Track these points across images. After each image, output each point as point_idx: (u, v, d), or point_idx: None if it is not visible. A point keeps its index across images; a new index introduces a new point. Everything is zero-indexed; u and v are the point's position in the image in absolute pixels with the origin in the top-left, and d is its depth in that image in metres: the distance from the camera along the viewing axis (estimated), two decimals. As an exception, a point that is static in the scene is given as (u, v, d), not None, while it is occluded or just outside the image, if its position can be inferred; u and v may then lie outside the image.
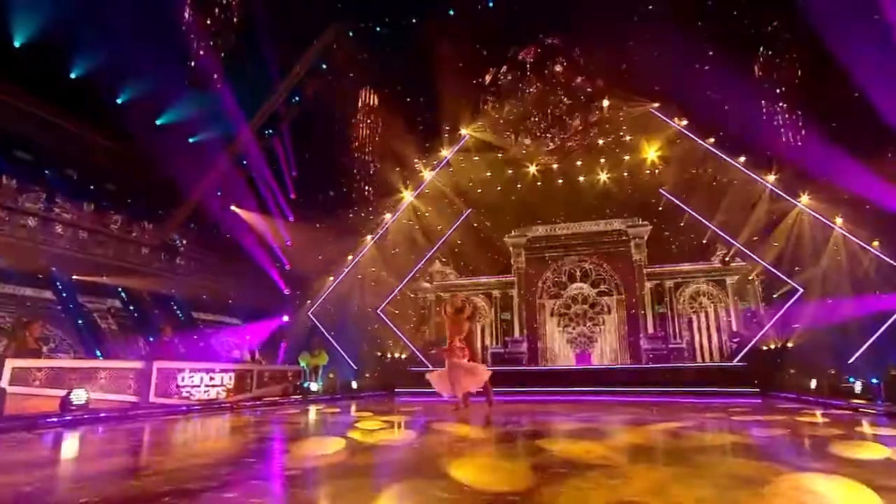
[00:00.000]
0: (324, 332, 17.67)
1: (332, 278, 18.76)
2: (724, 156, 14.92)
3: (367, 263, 18.70)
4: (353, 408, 10.15)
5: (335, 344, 17.23)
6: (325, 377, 14.43)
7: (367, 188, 18.19)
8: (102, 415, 7.57)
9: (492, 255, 20.26)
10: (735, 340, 16.69)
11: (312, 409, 9.85)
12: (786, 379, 12.32)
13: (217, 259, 19.57)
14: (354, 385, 15.11)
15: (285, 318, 18.22)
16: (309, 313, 18.21)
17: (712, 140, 15.20)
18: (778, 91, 12.77)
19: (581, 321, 19.87)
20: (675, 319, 18.74)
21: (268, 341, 17.47)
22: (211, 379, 10.06)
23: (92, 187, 17.61)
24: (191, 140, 18.72)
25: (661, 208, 17.54)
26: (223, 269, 19.39)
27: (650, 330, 18.67)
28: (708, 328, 18.19)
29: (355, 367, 16.65)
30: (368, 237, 18.69)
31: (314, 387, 13.41)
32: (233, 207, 18.49)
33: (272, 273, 18.28)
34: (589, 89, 13.61)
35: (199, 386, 9.67)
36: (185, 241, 19.56)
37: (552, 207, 19.47)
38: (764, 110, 13.07)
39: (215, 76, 11.57)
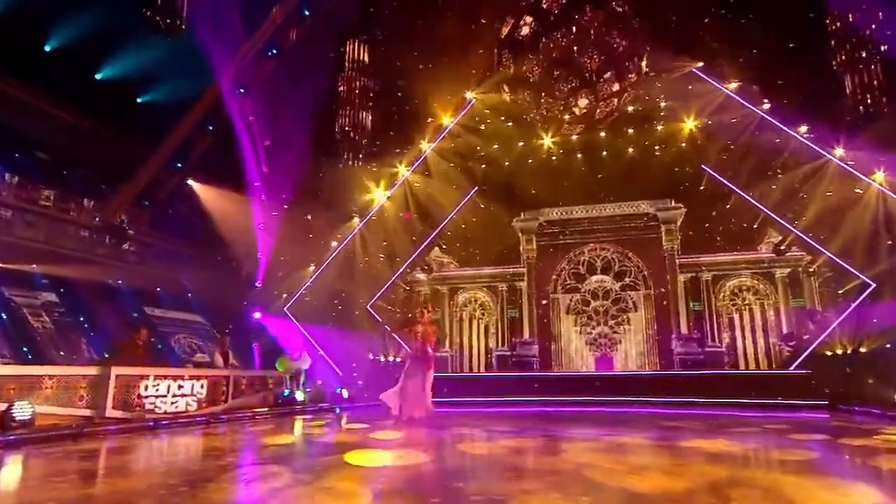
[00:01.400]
0: (302, 331, 17.44)
1: (312, 268, 18.57)
2: (781, 125, 14.63)
3: (356, 251, 18.56)
4: (344, 421, 10.02)
5: (316, 346, 17.07)
6: (313, 385, 14.32)
7: (353, 161, 18.02)
8: (52, 433, 6.96)
9: (497, 241, 20.10)
10: (790, 344, 16.56)
11: (300, 425, 9.61)
12: (863, 390, 11.93)
13: (174, 245, 19.27)
14: (346, 394, 14.85)
15: (257, 315, 17.96)
16: (285, 309, 18.03)
17: (767, 106, 14.86)
18: (848, 46, 12.31)
19: (602, 320, 19.73)
20: (712, 318, 18.58)
21: (237, 342, 17.02)
22: (179, 388, 9.74)
23: (17, 155, 16.83)
24: (140, 100, 17.98)
25: (702, 187, 17.43)
26: (182, 257, 19.13)
27: (683, 330, 18.54)
28: (752, 329, 18.07)
29: (340, 373, 16.54)
30: (356, 220, 18.56)
31: (299, 396, 13.27)
32: (191, 182, 18.15)
33: (242, 262, 18.04)
34: (627, 44, 12.93)
35: (165, 396, 9.34)
36: (134, 223, 18.71)
37: (569, 186, 19.20)
38: (834, 69, 12.60)
39: (176, 17, 10.72)
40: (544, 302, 20.04)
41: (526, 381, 16.77)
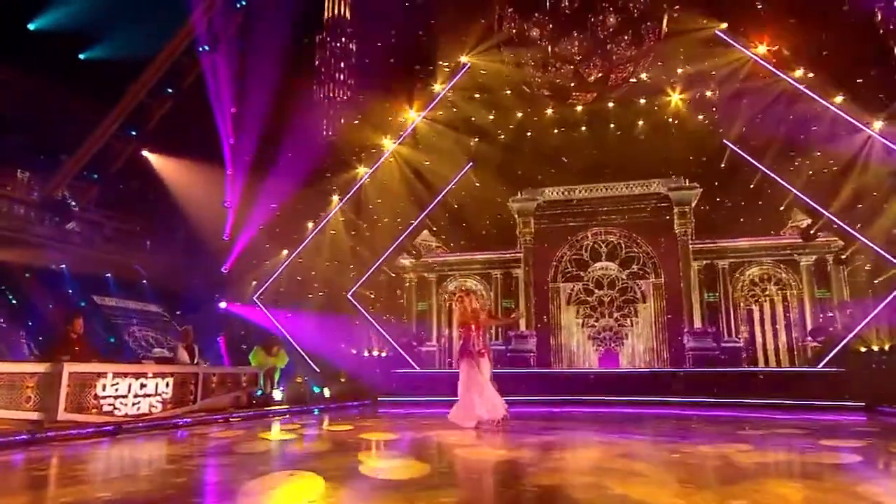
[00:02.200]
0: (275, 323, 17.34)
1: (286, 252, 18.39)
2: (815, 95, 14.45)
3: (335, 233, 18.42)
4: (327, 424, 9.85)
5: (291, 339, 16.94)
6: (292, 382, 14.08)
7: (332, 132, 17.47)
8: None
9: (491, 223, 20.02)
10: (818, 339, 16.51)
11: (277, 429, 9.38)
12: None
13: (127, 224, 18.79)
14: (327, 393, 14.63)
15: (223, 305, 17.82)
16: (255, 298, 17.94)
17: (800, 73, 14.67)
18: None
19: (607, 312, 19.68)
20: (729, 311, 18.57)
21: (201, 336, 16.52)
22: (142, 387, 9.23)
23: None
24: (84, 56, 17.11)
25: (723, 165, 17.24)
26: (136, 239, 18.76)
27: (697, 324, 18.55)
28: (774, 322, 18.07)
29: (317, 370, 16.27)
30: (335, 198, 18.36)
31: (277, 395, 13.03)
32: (146, 153, 17.71)
33: (206, 244, 17.64)
34: (647, 1, 12.59)
35: (126, 396, 8.85)
36: (80, 199, 18.17)
37: (572, 163, 19.14)
38: (879, 30, 12.32)
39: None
40: (543, 290, 19.96)
41: (524, 378, 16.60)
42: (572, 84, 15.01)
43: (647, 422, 10.35)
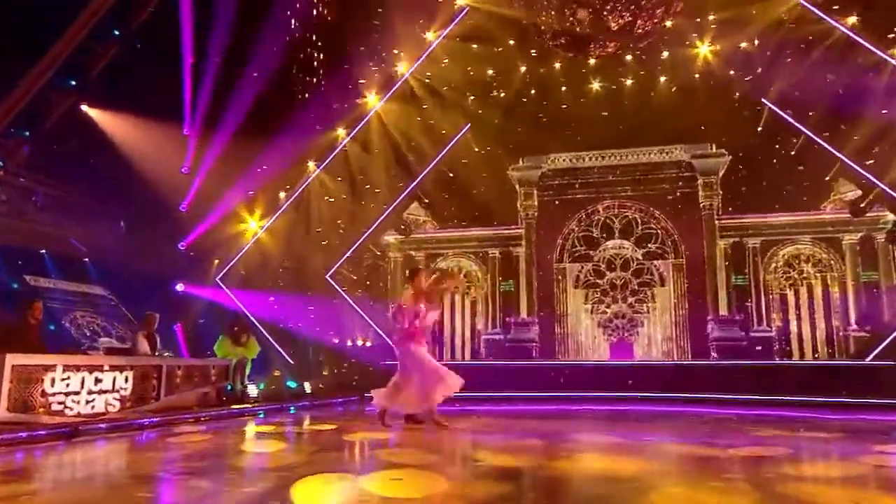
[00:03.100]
0: (242, 308, 17.11)
1: (253, 225, 18.18)
2: (871, 46, 14.11)
3: (311, 204, 18.26)
4: (307, 423, 9.67)
5: (260, 327, 16.73)
6: (269, 376, 14.09)
7: (303, 91, 17.55)
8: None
9: (489, 195, 19.66)
10: (865, 329, 16.38)
11: (252, 431, 9.00)
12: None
13: (65, 192, 17.72)
14: (308, 388, 14.38)
15: (181, 288, 17.66)
16: (218, 279, 17.83)
17: (853, 20, 14.28)
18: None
19: (620, 296, 19.62)
20: (760, 296, 18.49)
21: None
22: (97, 382, 8.83)
23: None
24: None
25: (760, 128, 17.04)
26: (77, 209, 17.81)
27: (722, 311, 18.48)
28: (811, 309, 17.98)
29: (290, 361, 16.36)
30: (312, 164, 18.05)
31: (253, 391, 12.84)
32: (87, 108, 16.85)
33: (160, 216, 17.26)
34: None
35: (78, 393, 8.47)
36: (8, 161, 16.99)
37: (582, 125, 18.87)
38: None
39: None
40: (547, 273, 19.85)
41: (524, 371, 16.63)
42: (591, 32, 14.21)
43: (681, 421, 10.15)
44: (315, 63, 17.50)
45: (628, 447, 7.02)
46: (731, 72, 16.95)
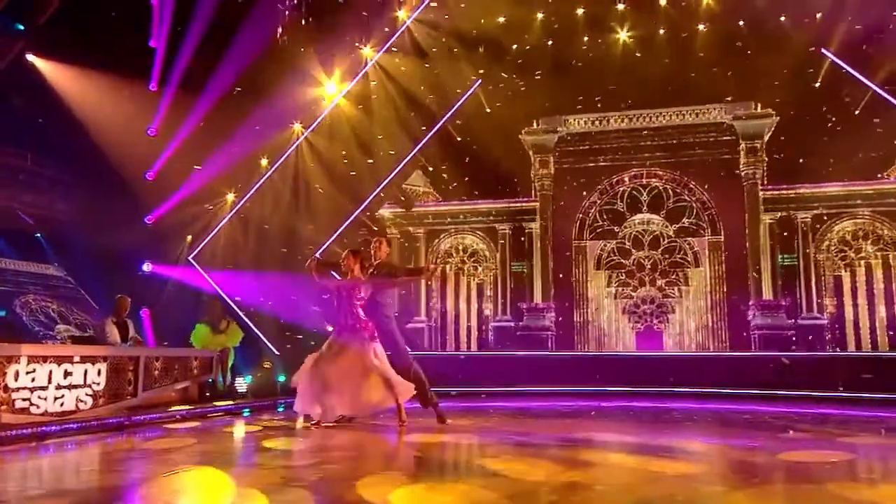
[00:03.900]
0: (219, 291, 17.34)
1: (232, 197, 18.15)
2: None
3: (298, 173, 18.27)
4: (300, 424, 9.02)
5: (240, 311, 17.02)
6: (259, 369, 14.46)
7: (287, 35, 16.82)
8: None
9: (498, 163, 19.14)
10: None
11: (241, 434, 8.96)
12: None
13: (10, 157, 17.77)
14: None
15: (148, 268, 17.62)
16: (190, 258, 17.88)
17: None
18: None
19: (648, 278, 19.06)
20: (810, 278, 17.81)
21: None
22: (66, 376, 8.79)
23: None
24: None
25: (817, 84, 16.37)
26: (25, 176, 17.89)
27: (766, 295, 17.84)
28: (870, 293, 17.30)
29: (276, 352, 16.31)
30: (297, 125, 17.86)
31: (241, 386, 13.26)
32: (34, 58, 16.54)
33: (125, 186, 16.95)
34: None
35: (45, 388, 8.46)
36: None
37: (605, 83, 18.31)
38: None
39: None
40: (565, 252, 19.42)
41: (539, 364, 16.59)
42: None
43: (734, 420, 9.86)
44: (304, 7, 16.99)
45: (673, 452, 6.75)
46: (784, 17, 16.21)
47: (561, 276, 19.31)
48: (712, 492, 4.73)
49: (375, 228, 19.62)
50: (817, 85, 16.50)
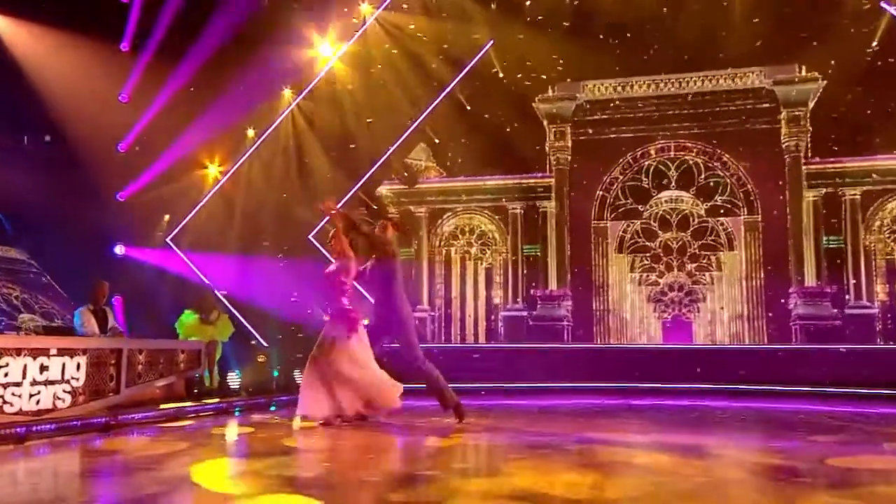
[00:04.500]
0: (200, 276, 17.57)
1: (215, 172, 18.16)
2: None
3: (288, 145, 18.18)
4: (297, 423, 9.15)
5: (224, 300, 16.77)
6: (253, 363, 14.46)
7: None
8: None
9: (509, 134, 18.87)
10: None
11: (232, 438, 8.87)
12: None
13: None
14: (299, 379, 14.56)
15: (120, 250, 17.45)
16: (168, 240, 17.86)
17: None
18: None
19: (676, 263, 18.68)
20: (859, 262, 17.48)
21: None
22: (43, 370, 8.65)
23: None
24: None
25: (874, 46, 15.77)
26: None
27: (809, 282, 17.50)
28: None
29: (265, 344, 16.31)
30: (287, 92, 17.87)
31: (235, 382, 13.34)
32: None
33: (91, 159, 16.61)
34: None
35: (20, 385, 8.34)
36: None
37: (630, 44, 17.98)
38: None
39: None
40: (583, 234, 19.12)
41: (553, 357, 16.31)
42: None
43: (788, 422, 9.72)
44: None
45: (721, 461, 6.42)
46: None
47: (578, 260, 19.05)
48: None
49: (376, 208, 19.36)
50: (873, 47, 16.02)
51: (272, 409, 12.11)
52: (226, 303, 16.73)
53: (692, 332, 18.37)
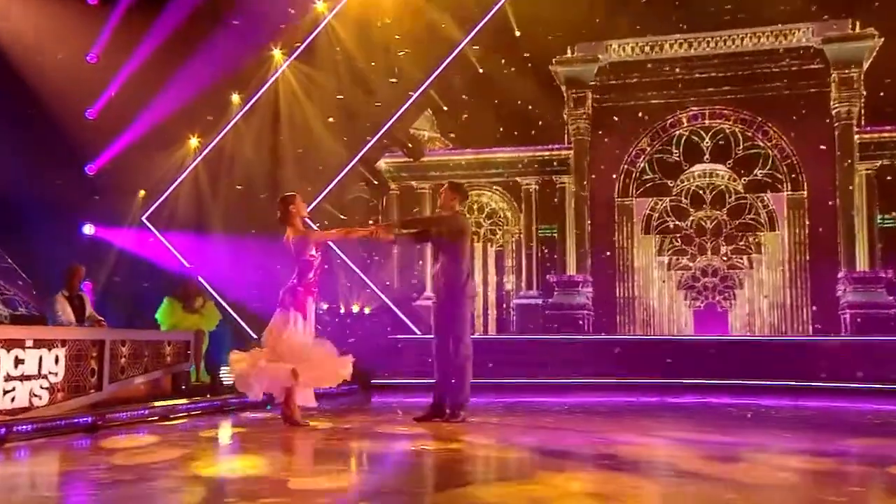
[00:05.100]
0: (180, 258, 17.39)
1: (195, 141, 17.72)
2: None
3: (279, 111, 17.86)
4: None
5: (208, 285, 16.22)
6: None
7: None
8: None
9: (523, 102, 18.45)
10: None
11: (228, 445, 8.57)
12: None
13: None
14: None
15: (88, 230, 17.02)
16: (143, 219, 17.54)
17: None
18: None
19: (710, 245, 18.38)
20: None
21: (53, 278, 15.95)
22: (18, 364, 8.43)
23: None
24: None
25: None
26: None
27: (861, 266, 17.17)
28: None
29: (254, 336, 15.54)
30: (277, 52, 17.54)
31: (229, 377, 12.54)
32: None
33: (55, 127, 16.31)
34: None
35: None
36: None
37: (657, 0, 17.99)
38: None
39: None
40: (606, 212, 18.81)
41: (572, 350, 15.45)
42: None
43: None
44: None
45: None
46: None
47: (600, 242, 18.78)
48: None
49: (376, 183, 19.39)
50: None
51: (268, 407, 11.71)
52: (210, 289, 16.28)
53: (728, 322, 18.15)
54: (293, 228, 8.42)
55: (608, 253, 18.69)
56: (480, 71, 18.22)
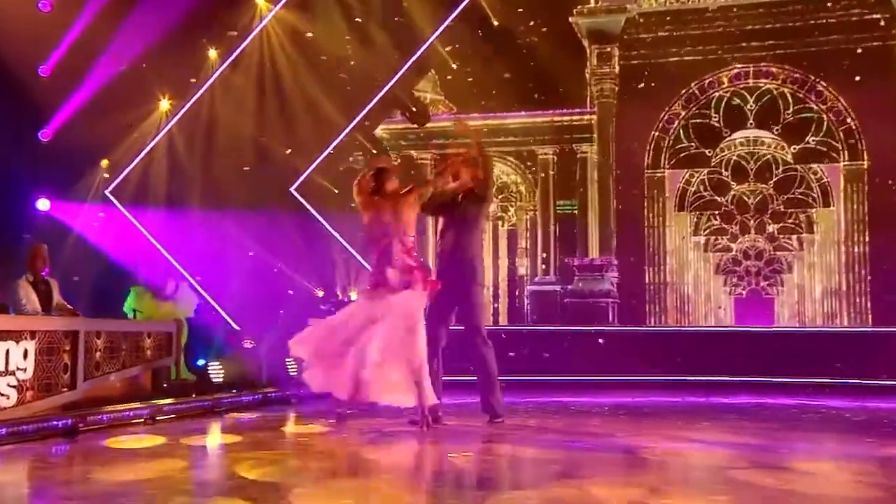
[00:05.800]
0: (151, 239, 16.73)
1: (166, 104, 16.91)
2: None
3: (262, 70, 17.09)
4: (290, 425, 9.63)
5: (183, 270, 15.99)
6: (236, 351, 13.83)
7: None
8: None
9: (539, 60, 17.81)
10: None
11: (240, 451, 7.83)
12: None
13: None
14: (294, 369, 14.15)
15: (43, 206, 16.57)
16: (107, 192, 16.86)
17: None
18: None
19: (753, 224, 18.04)
20: None
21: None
22: None
23: None
24: None
25: None
26: None
27: None
28: None
29: (237, 327, 15.33)
30: (261, 2, 16.92)
31: (218, 375, 12.90)
32: None
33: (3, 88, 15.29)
34: None
35: None
36: None
37: None
38: None
39: None
40: (634, 186, 18.28)
41: (596, 342, 15.15)
42: None
43: None
44: None
45: None
46: None
47: (627, 220, 18.26)
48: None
49: (375, 151, 18.65)
50: None
51: (292, 401, 11.87)
52: (183, 271, 15.81)
53: (774, 311, 17.84)
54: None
55: (636, 233, 18.27)
56: (495, 24, 17.54)
